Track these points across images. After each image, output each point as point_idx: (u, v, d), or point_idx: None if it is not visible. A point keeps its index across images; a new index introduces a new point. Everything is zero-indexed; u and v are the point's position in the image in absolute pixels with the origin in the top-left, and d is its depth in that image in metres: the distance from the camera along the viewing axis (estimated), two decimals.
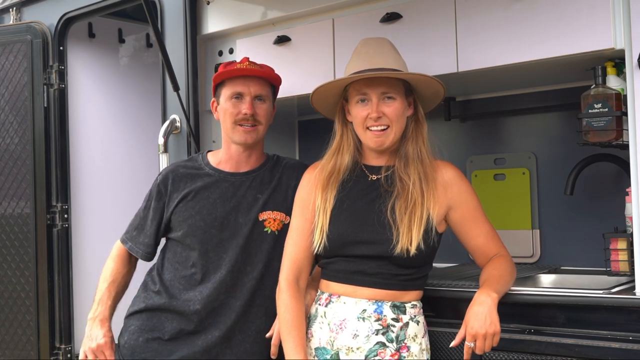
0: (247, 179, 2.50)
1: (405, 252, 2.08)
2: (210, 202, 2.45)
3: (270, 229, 2.43)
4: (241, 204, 2.45)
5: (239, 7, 3.10)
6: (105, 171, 3.98)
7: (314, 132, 3.61)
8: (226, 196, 2.46)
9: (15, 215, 3.71)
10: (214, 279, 2.39)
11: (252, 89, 2.46)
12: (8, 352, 3.71)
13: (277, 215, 2.44)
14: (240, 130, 2.46)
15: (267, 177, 2.51)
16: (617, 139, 2.26)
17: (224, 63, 2.54)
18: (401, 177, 2.19)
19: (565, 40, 2.27)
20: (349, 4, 2.80)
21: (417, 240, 2.09)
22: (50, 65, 3.71)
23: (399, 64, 2.24)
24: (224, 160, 2.53)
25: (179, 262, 2.45)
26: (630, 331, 1.98)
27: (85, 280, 3.83)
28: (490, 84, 2.95)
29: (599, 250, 2.44)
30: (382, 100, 2.19)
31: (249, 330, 2.40)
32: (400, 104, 2.20)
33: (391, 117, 2.18)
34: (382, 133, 2.19)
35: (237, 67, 2.47)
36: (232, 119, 2.46)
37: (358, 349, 2.11)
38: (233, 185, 2.48)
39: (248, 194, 2.47)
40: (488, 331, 1.98)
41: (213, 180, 2.49)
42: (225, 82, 2.49)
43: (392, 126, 2.19)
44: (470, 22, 2.47)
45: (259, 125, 2.48)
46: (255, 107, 2.46)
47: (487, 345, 1.98)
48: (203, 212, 2.43)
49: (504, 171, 3.05)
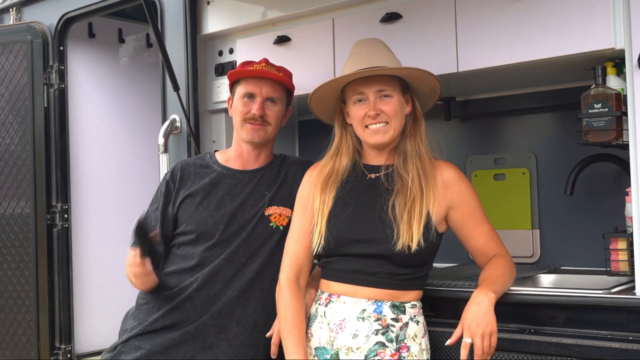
0: (254, 176, 2.52)
1: (407, 248, 2.08)
2: (218, 198, 2.47)
3: (275, 224, 2.44)
4: (248, 201, 2.47)
5: (239, 7, 3.10)
6: (106, 171, 3.98)
7: (314, 132, 3.60)
8: (234, 193, 2.48)
9: (15, 215, 3.71)
10: (211, 268, 2.40)
11: (265, 91, 2.49)
12: (8, 352, 3.71)
13: (283, 210, 2.46)
14: (249, 127, 2.48)
15: (274, 175, 2.54)
16: (617, 139, 2.26)
17: (243, 62, 2.57)
18: (400, 174, 2.19)
19: (565, 40, 2.27)
20: (349, 4, 2.80)
21: (418, 236, 2.09)
22: (50, 65, 3.71)
23: (393, 62, 2.25)
24: (233, 157, 2.56)
25: (182, 257, 2.46)
26: (630, 331, 1.98)
27: (85, 280, 3.84)
28: (490, 84, 2.95)
29: (599, 250, 2.44)
30: (379, 98, 2.20)
31: (246, 323, 2.40)
32: (398, 100, 2.21)
33: (389, 114, 2.19)
34: (382, 129, 2.20)
35: (252, 68, 2.50)
36: (241, 116, 2.49)
37: (358, 349, 2.11)
38: (241, 182, 2.50)
39: (256, 191, 2.49)
40: (485, 330, 1.98)
41: (221, 177, 2.51)
42: (240, 81, 2.52)
43: (390, 123, 2.20)
44: (470, 22, 2.47)
45: (268, 126, 2.50)
46: (265, 108, 2.49)
47: (486, 345, 1.98)
48: (211, 208, 2.45)
49: (504, 171, 3.05)
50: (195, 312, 2.39)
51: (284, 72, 2.56)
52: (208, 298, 2.39)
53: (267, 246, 2.43)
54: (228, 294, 2.39)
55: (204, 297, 2.39)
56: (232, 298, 2.39)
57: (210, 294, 2.39)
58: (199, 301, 2.39)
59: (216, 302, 2.39)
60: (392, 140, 2.23)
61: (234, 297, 2.39)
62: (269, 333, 2.38)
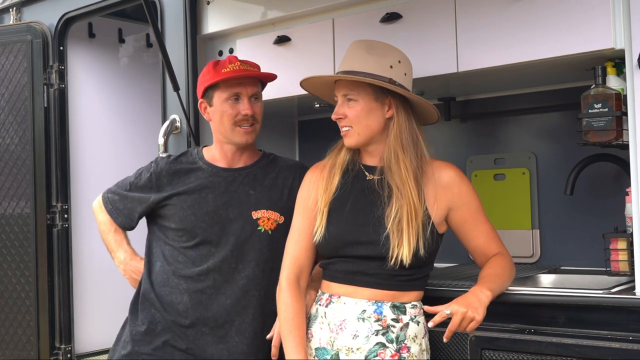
0: (239, 174, 2.50)
1: (399, 263, 2.08)
2: (202, 196, 2.45)
3: (264, 228, 2.43)
4: (232, 200, 2.45)
5: (239, 7, 3.10)
6: (105, 171, 3.97)
7: (314, 132, 3.61)
8: (218, 191, 2.46)
9: (15, 215, 3.71)
10: (200, 272, 2.40)
11: (249, 89, 2.46)
12: (8, 352, 3.71)
13: (272, 214, 2.45)
14: (241, 131, 2.46)
15: (261, 174, 2.52)
16: (617, 139, 2.26)
17: (212, 63, 2.52)
18: (389, 183, 2.17)
19: (565, 40, 2.27)
20: (349, 4, 2.80)
21: (410, 251, 2.08)
22: (50, 65, 3.71)
23: (366, 65, 2.16)
24: (218, 158, 2.54)
25: (172, 257, 2.46)
26: (630, 331, 1.98)
27: (85, 280, 3.84)
28: (490, 84, 2.95)
29: (599, 250, 2.44)
30: (346, 102, 2.20)
31: (246, 331, 2.40)
32: (363, 105, 2.17)
33: (351, 119, 2.18)
34: (346, 133, 2.21)
35: (228, 70, 2.44)
36: (231, 120, 2.45)
37: (358, 350, 2.11)
38: (226, 181, 2.48)
39: (240, 189, 2.47)
40: (469, 314, 1.98)
41: (206, 175, 2.49)
42: (219, 84, 2.46)
43: (353, 127, 2.19)
44: (470, 22, 2.47)
45: (256, 124, 2.50)
46: (252, 106, 2.46)
47: (462, 327, 1.98)
48: (194, 206, 2.44)
49: (504, 171, 3.05)
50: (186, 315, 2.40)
51: (256, 67, 2.53)
52: (199, 302, 2.39)
53: (257, 251, 2.42)
54: (222, 301, 2.39)
55: (195, 301, 2.39)
56: (227, 306, 2.39)
57: (202, 299, 2.39)
58: (191, 305, 2.39)
59: (209, 309, 2.39)
60: (358, 144, 2.22)
61: (229, 304, 2.39)
62: (269, 335, 2.38)
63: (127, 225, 2.59)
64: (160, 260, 2.47)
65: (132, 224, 2.58)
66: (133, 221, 2.57)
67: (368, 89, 2.18)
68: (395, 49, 2.26)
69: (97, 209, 2.65)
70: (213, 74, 2.46)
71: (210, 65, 2.51)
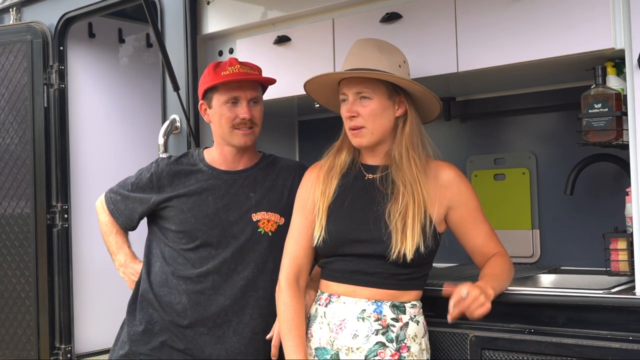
0: (240, 177, 2.50)
1: (402, 257, 2.08)
2: (202, 198, 2.45)
3: (264, 230, 2.43)
4: (233, 202, 2.45)
5: (239, 7, 3.10)
6: (106, 171, 3.97)
7: (314, 132, 3.61)
8: (218, 194, 2.46)
9: (15, 215, 3.71)
10: (200, 274, 2.40)
11: (248, 93, 2.46)
12: (8, 352, 3.71)
13: (272, 216, 2.45)
14: (239, 133, 2.46)
15: (261, 176, 2.52)
16: (617, 139, 2.26)
17: (212, 64, 2.52)
18: (394, 180, 2.17)
19: (565, 40, 2.27)
20: (349, 4, 2.80)
21: (414, 246, 2.08)
22: (50, 65, 3.71)
23: (380, 64, 2.18)
24: (218, 160, 2.54)
25: (172, 258, 2.46)
26: (630, 331, 1.98)
27: (85, 281, 3.83)
28: (490, 84, 2.95)
29: (599, 250, 2.44)
30: (359, 100, 2.18)
31: (244, 332, 2.40)
32: (378, 104, 2.17)
33: (365, 117, 2.17)
34: (358, 132, 2.18)
35: (228, 72, 2.44)
36: (229, 123, 2.45)
37: (358, 349, 2.11)
38: (226, 183, 2.48)
39: (240, 192, 2.47)
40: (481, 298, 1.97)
41: (206, 177, 2.49)
42: (218, 86, 2.46)
43: (367, 126, 2.17)
44: (470, 22, 2.47)
45: (255, 127, 2.49)
46: (251, 110, 2.46)
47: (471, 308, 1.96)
48: (195, 209, 2.44)
49: (504, 171, 3.05)
50: (185, 316, 2.40)
51: (257, 69, 2.53)
52: (198, 303, 2.39)
53: (257, 252, 2.42)
54: (220, 302, 2.39)
55: (194, 302, 2.39)
56: (225, 307, 2.39)
57: (200, 299, 2.39)
58: (190, 305, 2.39)
59: (208, 309, 2.39)
60: (371, 143, 2.20)
61: (227, 305, 2.39)
62: (269, 335, 2.38)
63: (128, 226, 2.59)
64: (159, 261, 2.47)
65: (133, 225, 2.59)
66: (134, 222, 2.58)
67: (382, 87, 2.18)
68: (398, 48, 2.28)
69: (99, 208, 2.66)
70: (213, 76, 2.46)
71: (210, 67, 2.51)
